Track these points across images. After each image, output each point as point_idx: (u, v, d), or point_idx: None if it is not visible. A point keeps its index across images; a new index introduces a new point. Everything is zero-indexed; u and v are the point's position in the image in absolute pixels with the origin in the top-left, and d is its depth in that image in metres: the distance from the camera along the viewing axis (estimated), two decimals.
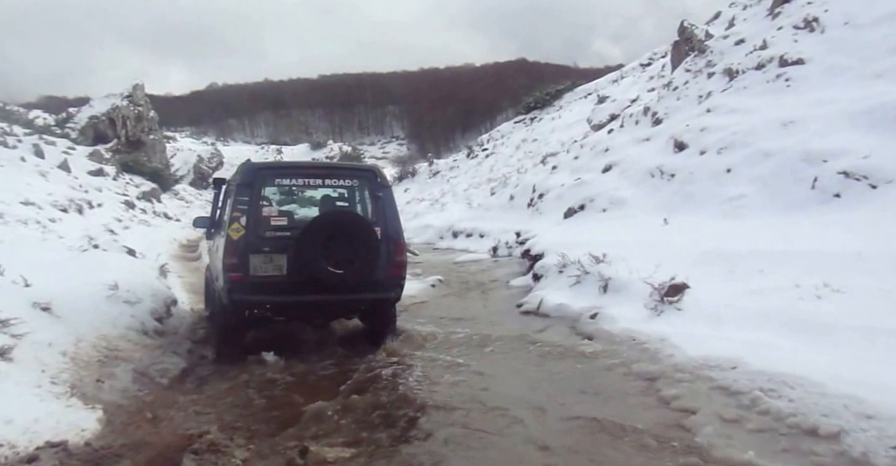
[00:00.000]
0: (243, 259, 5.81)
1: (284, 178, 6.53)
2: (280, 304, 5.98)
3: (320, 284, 5.77)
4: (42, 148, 21.11)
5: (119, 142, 34.64)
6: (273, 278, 5.85)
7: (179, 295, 8.84)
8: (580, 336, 6.00)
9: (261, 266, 5.84)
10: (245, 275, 5.79)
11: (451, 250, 15.66)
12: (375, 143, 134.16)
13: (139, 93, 36.87)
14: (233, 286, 5.80)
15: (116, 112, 35.12)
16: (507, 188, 18.42)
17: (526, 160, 27.69)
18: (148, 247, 14.54)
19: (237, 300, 5.81)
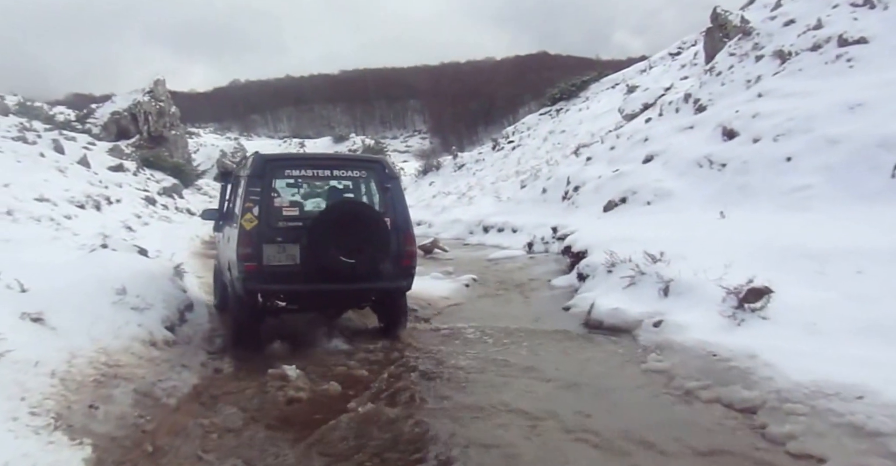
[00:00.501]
0: (257, 249, 5.92)
1: (294, 169, 6.59)
2: (293, 293, 6.10)
3: (332, 273, 5.86)
4: (62, 144, 20.73)
5: (141, 137, 34.37)
6: (286, 267, 5.96)
7: (197, 297, 8.19)
8: (645, 349, 5.19)
9: (274, 256, 5.95)
10: (259, 265, 5.89)
11: (483, 246, 14.88)
12: (398, 136, 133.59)
13: (160, 88, 36.56)
14: (247, 276, 5.87)
15: (138, 108, 34.85)
16: (538, 181, 17.57)
17: (554, 152, 26.78)
18: (167, 244, 13.99)
19: (252, 288, 5.91)
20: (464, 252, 14.32)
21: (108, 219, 14.61)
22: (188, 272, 9.17)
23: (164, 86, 37.39)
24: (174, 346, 5.80)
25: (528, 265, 11.17)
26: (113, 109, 34.52)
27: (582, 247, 8.96)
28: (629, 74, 36.26)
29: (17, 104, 24.32)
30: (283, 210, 6.32)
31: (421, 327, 7.23)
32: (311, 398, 4.80)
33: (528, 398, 4.27)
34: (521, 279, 9.94)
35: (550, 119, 38.12)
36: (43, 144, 20.36)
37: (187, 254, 13.10)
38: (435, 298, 8.94)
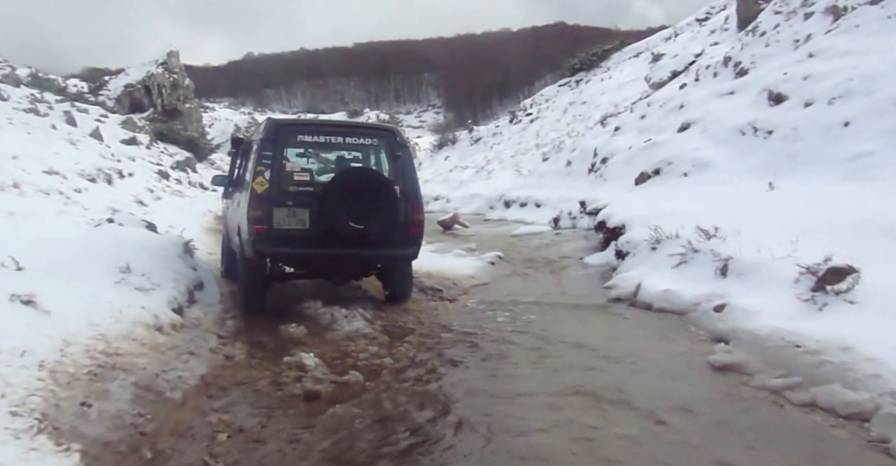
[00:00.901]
0: (267, 212, 5.94)
1: (306, 135, 6.59)
2: (302, 256, 6.13)
3: (341, 238, 5.88)
4: (74, 116, 20.22)
5: (155, 111, 33.85)
6: (296, 231, 5.99)
7: (208, 275, 7.67)
8: (708, 338, 4.58)
9: (284, 220, 5.98)
10: (269, 228, 5.93)
11: (505, 222, 14.24)
12: (412, 112, 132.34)
13: (174, 60, 35.88)
14: (257, 238, 5.90)
15: (152, 80, 34.26)
16: (562, 153, 16.82)
17: (576, 124, 25.91)
18: (179, 220, 13.50)
19: (261, 251, 5.94)
20: (485, 228, 13.70)
21: (119, 193, 14.12)
22: (199, 249, 8.65)
23: (178, 58, 36.71)
24: (181, 330, 5.27)
25: (555, 242, 10.54)
26: (126, 82, 33.96)
27: (618, 222, 8.30)
28: (653, 42, 34.98)
29: (30, 76, 23.78)
30: (295, 175, 6.32)
31: (450, 307, 6.67)
32: (331, 392, 4.27)
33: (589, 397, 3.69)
34: (551, 257, 9.32)
35: (570, 90, 37.03)
36: (55, 116, 19.86)
37: (199, 229, 12.60)
38: (460, 277, 8.36)
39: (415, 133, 75.84)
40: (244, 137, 8.36)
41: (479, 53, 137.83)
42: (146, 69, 34.73)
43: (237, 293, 6.81)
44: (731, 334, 4.40)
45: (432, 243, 11.74)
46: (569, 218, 11.74)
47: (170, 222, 12.47)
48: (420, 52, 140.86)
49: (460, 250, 10.39)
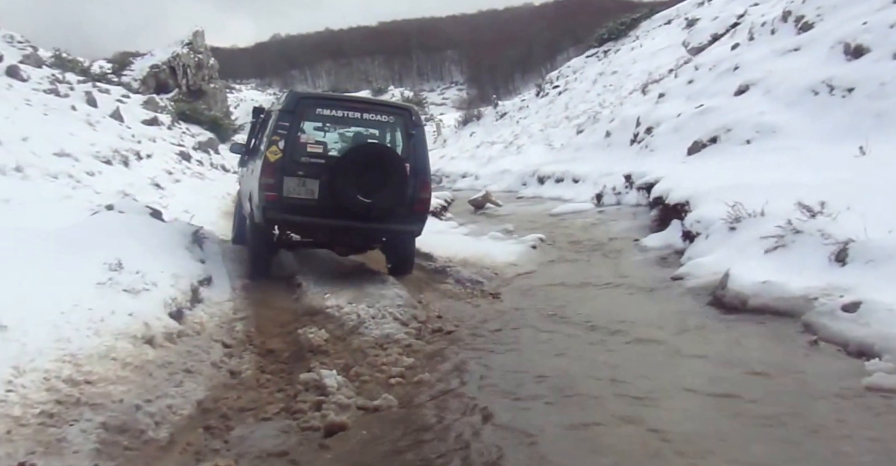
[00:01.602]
0: (279, 180, 5.99)
1: (325, 109, 6.57)
2: (308, 225, 6.22)
3: (349, 210, 5.96)
4: (95, 96, 19.36)
5: (180, 91, 32.97)
6: (304, 200, 6.04)
7: (219, 268, 6.72)
8: (842, 348, 3.45)
9: (294, 189, 6.03)
10: (279, 195, 6.00)
11: (540, 199, 13.08)
12: (435, 89, 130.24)
13: (199, 40, 34.89)
14: (267, 205, 6.00)
15: (177, 60, 33.31)
16: (598, 124, 15.49)
17: (607, 94, 24.40)
18: (197, 203, 12.60)
19: (270, 217, 6.06)
20: (520, 207, 12.57)
21: (136, 176, 13.25)
22: (212, 236, 7.69)
23: (203, 38, 35.70)
24: (179, 340, 4.28)
25: (601, 221, 9.38)
26: (152, 63, 33.06)
27: (680, 198, 7.12)
28: (684, 8, 32.95)
29: (53, 56, 22.97)
30: (308, 147, 6.34)
31: (493, 303, 5.61)
32: (358, 421, 3.27)
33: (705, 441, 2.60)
34: (599, 238, 8.18)
35: (598, 61, 35.30)
36: (75, 97, 19.01)
37: (216, 214, 11.69)
38: (500, 265, 7.29)
39: (438, 110, 74.20)
40: (264, 107, 8.00)
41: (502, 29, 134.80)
42: (172, 50, 33.80)
43: (246, 259, 6.88)
44: (882, 344, 3.26)
45: (465, 225, 10.66)
46: (613, 194, 10.54)
47: (185, 207, 11.60)
48: (443, 29, 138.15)
49: (497, 232, 9.31)
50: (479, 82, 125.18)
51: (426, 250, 7.97)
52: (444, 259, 7.54)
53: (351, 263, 7.41)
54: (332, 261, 7.63)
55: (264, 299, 5.94)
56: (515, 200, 13.83)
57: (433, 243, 8.61)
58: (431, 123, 55.08)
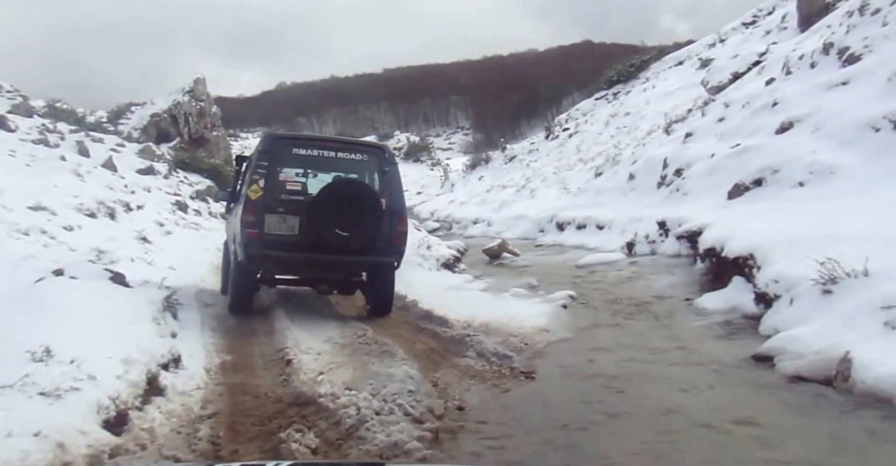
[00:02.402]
0: (259, 218, 6.28)
1: (301, 148, 6.84)
2: (289, 260, 6.46)
3: (328, 245, 6.21)
4: (87, 146, 18.72)
5: (182, 140, 32.56)
6: (285, 236, 6.34)
7: (194, 341, 5.66)
8: None
9: (275, 225, 6.32)
10: (260, 232, 6.28)
11: (562, 248, 12.04)
12: (441, 134, 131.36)
13: (201, 88, 34.70)
14: (249, 241, 6.27)
15: (178, 108, 33.01)
16: (619, 166, 14.58)
17: (621, 136, 23.68)
18: (187, 258, 11.63)
19: (252, 253, 6.28)
20: (540, 256, 11.51)
21: (122, 229, 12.33)
22: (186, 304, 6.65)
23: (205, 85, 35.54)
24: (113, 462, 3.20)
25: (637, 275, 8.29)
26: (152, 111, 32.80)
27: (741, 250, 6.05)
28: (695, 49, 32.70)
29: (46, 106, 22.55)
30: (288, 184, 6.66)
31: (531, 391, 4.48)
32: None
33: None
34: (641, 296, 7.08)
35: (607, 103, 34.90)
36: (66, 147, 18.39)
37: (207, 268, 10.69)
38: (528, 330, 6.19)
39: (444, 155, 74.14)
40: (246, 155, 7.96)
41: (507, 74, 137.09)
42: (172, 98, 33.58)
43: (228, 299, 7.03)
44: None
45: (481, 279, 9.60)
46: (646, 243, 9.49)
47: (173, 262, 10.65)
48: (448, 75, 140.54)
49: (519, 287, 8.24)
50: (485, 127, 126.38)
51: (440, 312, 6.91)
52: (462, 324, 6.47)
53: (350, 327, 6.38)
54: (325, 322, 6.64)
55: (245, 382, 4.85)
56: (534, 248, 12.78)
57: (447, 302, 7.55)
58: (438, 168, 54.73)
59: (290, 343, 5.93)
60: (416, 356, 5.45)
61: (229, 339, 6.31)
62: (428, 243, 10.54)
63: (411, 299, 7.78)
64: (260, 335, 6.52)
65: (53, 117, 21.58)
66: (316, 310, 7.99)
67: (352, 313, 8.10)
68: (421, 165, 57.70)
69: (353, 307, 8.37)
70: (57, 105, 22.55)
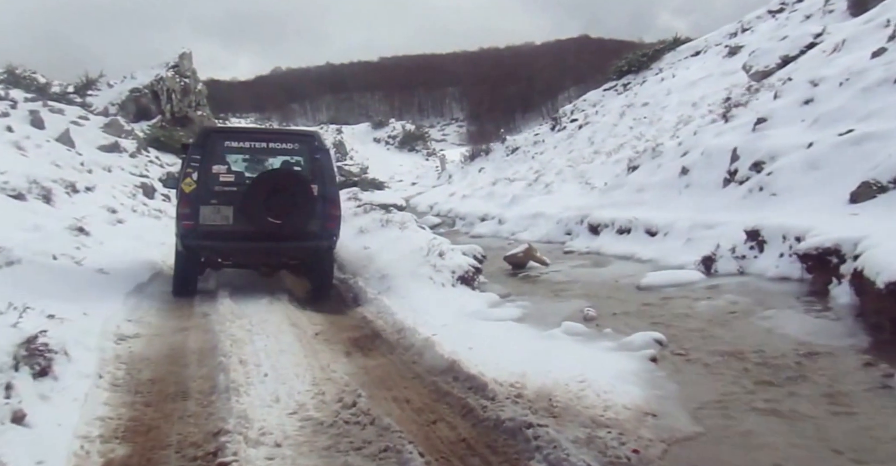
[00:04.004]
0: (194, 209, 6.56)
1: (233, 140, 7.16)
2: (226, 249, 6.82)
3: (261, 232, 6.53)
4: (42, 117, 16.00)
5: (163, 118, 29.73)
6: (220, 226, 6.60)
7: (58, 436, 3.17)
8: None
9: (210, 216, 6.58)
10: (196, 223, 6.55)
11: (602, 257, 9.52)
12: (435, 125, 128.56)
13: (186, 63, 31.82)
14: (185, 233, 6.58)
15: (160, 84, 30.12)
16: (661, 159, 12.09)
17: (642, 127, 21.21)
18: (134, 252, 9.08)
19: (189, 245, 6.61)
20: (577, 268, 9.01)
21: (56, 216, 9.74)
22: (77, 344, 4.12)
23: (191, 61, 32.62)
24: None
25: (743, 308, 5.74)
26: (132, 86, 29.91)
27: None
28: (713, 38, 30.23)
29: (5, 72, 19.71)
30: (220, 176, 6.79)
31: None
32: None
33: None
34: (773, 349, 4.57)
35: (617, 94, 32.40)
36: (17, 117, 15.66)
37: (152, 272, 8.16)
38: (620, 412, 3.68)
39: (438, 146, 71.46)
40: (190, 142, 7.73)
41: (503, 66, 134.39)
42: (155, 72, 30.67)
43: None
44: None
45: (511, 300, 7.09)
46: (731, 258, 7.03)
47: (114, 258, 8.17)
48: (444, 65, 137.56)
49: (570, 319, 5.76)
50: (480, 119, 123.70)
51: (469, 364, 4.42)
52: (508, 391, 4.00)
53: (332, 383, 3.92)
54: (296, 364, 4.19)
55: None
56: (563, 256, 10.29)
57: (476, 342, 5.06)
58: (434, 158, 52.10)
59: (233, 422, 3.49)
60: (442, 458, 3.02)
61: (135, 407, 3.82)
62: (439, 248, 8.03)
63: (423, 335, 5.29)
64: (191, 397, 4.06)
65: (12, 84, 18.78)
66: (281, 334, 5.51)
67: (335, 338, 5.66)
68: (416, 155, 55.03)
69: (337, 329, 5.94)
70: (17, 72, 19.65)
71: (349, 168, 49.24)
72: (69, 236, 8.87)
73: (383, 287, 7.37)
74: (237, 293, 7.28)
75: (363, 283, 7.70)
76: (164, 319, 6.00)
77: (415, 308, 6.50)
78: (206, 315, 6.09)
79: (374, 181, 38.25)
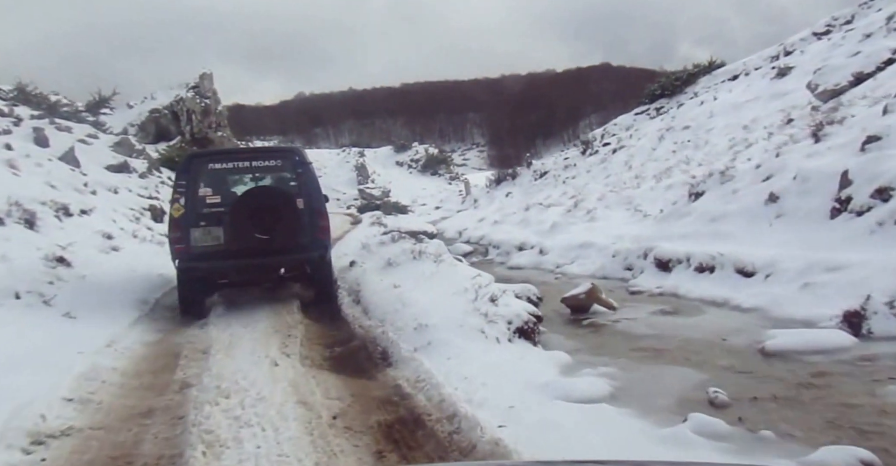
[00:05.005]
0: (185, 233, 6.78)
1: (216, 163, 7.37)
2: (220, 269, 6.89)
3: (252, 249, 6.67)
4: (47, 135, 14.69)
5: (183, 139, 28.64)
6: (212, 247, 6.82)
7: None
8: None
9: (201, 238, 6.82)
10: (187, 246, 6.77)
11: (680, 300, 7.65)
12: (456, 150, 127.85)
13: (207, 83, 30.88)
14: (179, 256, 6.79)
15: (180, 105, 29.13)
16: (734, 184, 10.29)
17: (686, 151, 19.44)
18: (114, 294, 7.48)
19: (184, 268, 6.75)
20: (655, 314, 7.18)
21: (33, 243, 8.19)
22: None
23: (212, 81, 31.69)
24: None
25: None
26: (152, 107, 28.91)
27: None
28: (752, 61, 28.54)
29: (15, 89, 18.59)
30: (208, 198, 7.10)
31: None
32: None
33: None
34: None
35: (650, 118, 30.76)
36: (19, 135, 14.40)
37: (131, 319, 6.53)
38: None
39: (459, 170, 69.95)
40: None
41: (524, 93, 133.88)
42: (175, 93, 29.71)
43: None
44: None
45: (591, 366, 5.31)
46: (890, 313, 5.21)
47: (85, 303, 6.56)
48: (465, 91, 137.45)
49: (692, 408, 3.98)
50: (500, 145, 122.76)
51: None
52: None
53: None
54: None
55: None
56: (629, 295, 8.49)
57: (565, 444, 3.33)
58: (457, 182, 50.58)
59: None
60: None
61: None
62: (489, 290, 6.31)
63: (486, 429, 3.56)
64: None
65: (22, 102, 17.61)
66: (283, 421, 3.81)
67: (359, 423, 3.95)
68: (439, 179, 53.56)
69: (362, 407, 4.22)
70: (28, 89, 18.51)
71: (371, 191, 47.90)
72: (44, 268, 7.30)
73: (421, 342, 5.65)
74: (236, 347, 5.61)
75: (395, 334, 6.00)
76: (124, 393, 4.32)
77: (466, 376, 4.76)
78: (186, 388, 4.41)
79: (397, 205, 36.78)
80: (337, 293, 7.62)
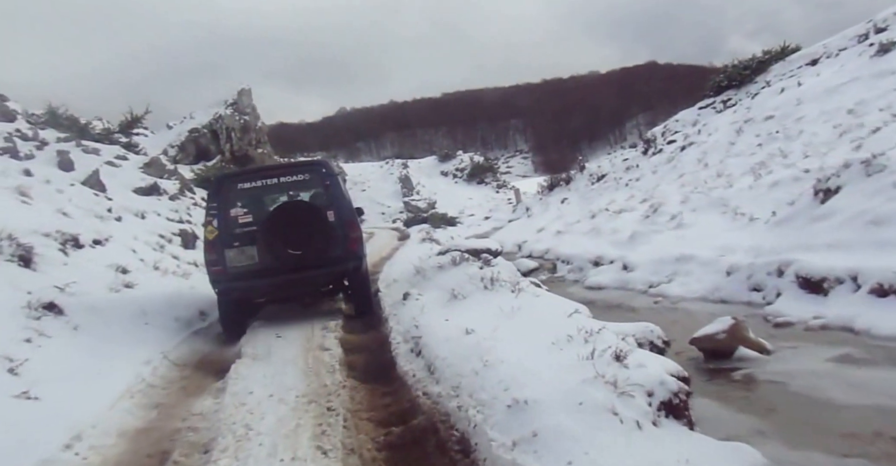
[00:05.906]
0: (220, 255, 6.93)
1: (245, 182, 7.38)
2: (257, 287, 7.02)
3: (286, 265, 6.82)
4: (72, 158, 13.54)
5: (223, 158, 27.71)
6: (248, 266, 6.94)
7: None
8: None
9: (235, 258, 6.94)
10: (224, 267, 6.92)
11: (869, 340, 5.56)
12: (499, 157, 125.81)
13: (245, 99, 29.97)
14: (216, 278, 6.98)
15: (219, 123, 28.25)
16: (887, 177, 8.09)
17: (778, 143, 17.00)
18: (116, 349, 5.90)
19: (220, 289, 6.98)
20: (841, 362, 5.15)
21: (23, 285, 6.70)
22: None
23: (250, 97, 30.79)
24: None
25: None
26: (191, 126, 28.10)
27: None
28: (835, 43, 25.77)
29: (47, 113, 17.74)
30: (239, 219, 7.17)
31: None
32: None
33: None
34: None
35: (716, 112, 28.25)
36: (42, 159, 13.31)
37: (125, 388, 4.90)
38: None
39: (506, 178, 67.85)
40: None
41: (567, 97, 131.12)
42: (213, 111, 28.88)
43: None
44: None
45: None
46: None
47: (64, 368, 4.96)
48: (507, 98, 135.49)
49: None
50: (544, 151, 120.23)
51: None
52: None
53: None
54: None
55: None
56: (774, 329, 6.44)
57: None
58: (506, 190, 48.62)
59: None
60: None
61: None
62: (608, 341, 4.42)
63: None
64: None
65: (52, 125, 16.69)
66: None
67: None
68: (485, 188, 51.66)
69: None
70: (59, 112, 17.62)
71: (416, 203, 46.39)
72: (24, 320, 5.77)
73: (522, 430, 3.77)
74: (253, 434, 3.90)
75: (477, 412, 4.15)
76: None
77: None
78: None
79: (445, 217, 35.08)
80: (374, 307, 7.66)
